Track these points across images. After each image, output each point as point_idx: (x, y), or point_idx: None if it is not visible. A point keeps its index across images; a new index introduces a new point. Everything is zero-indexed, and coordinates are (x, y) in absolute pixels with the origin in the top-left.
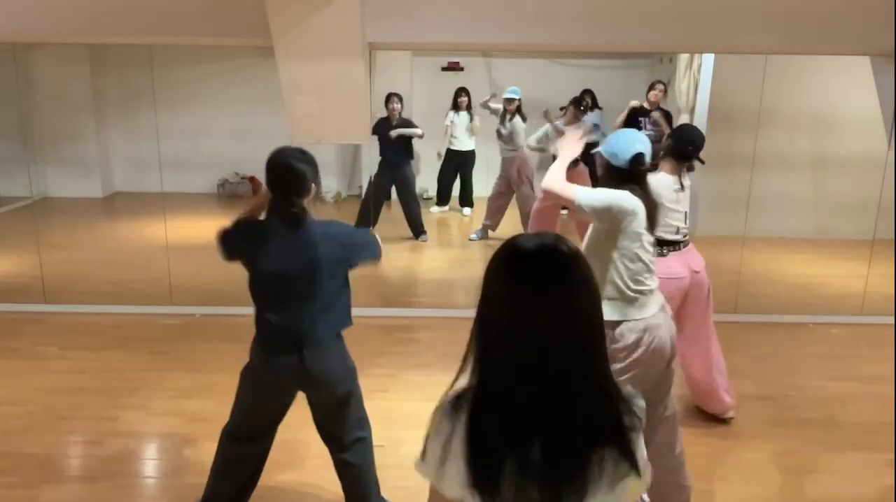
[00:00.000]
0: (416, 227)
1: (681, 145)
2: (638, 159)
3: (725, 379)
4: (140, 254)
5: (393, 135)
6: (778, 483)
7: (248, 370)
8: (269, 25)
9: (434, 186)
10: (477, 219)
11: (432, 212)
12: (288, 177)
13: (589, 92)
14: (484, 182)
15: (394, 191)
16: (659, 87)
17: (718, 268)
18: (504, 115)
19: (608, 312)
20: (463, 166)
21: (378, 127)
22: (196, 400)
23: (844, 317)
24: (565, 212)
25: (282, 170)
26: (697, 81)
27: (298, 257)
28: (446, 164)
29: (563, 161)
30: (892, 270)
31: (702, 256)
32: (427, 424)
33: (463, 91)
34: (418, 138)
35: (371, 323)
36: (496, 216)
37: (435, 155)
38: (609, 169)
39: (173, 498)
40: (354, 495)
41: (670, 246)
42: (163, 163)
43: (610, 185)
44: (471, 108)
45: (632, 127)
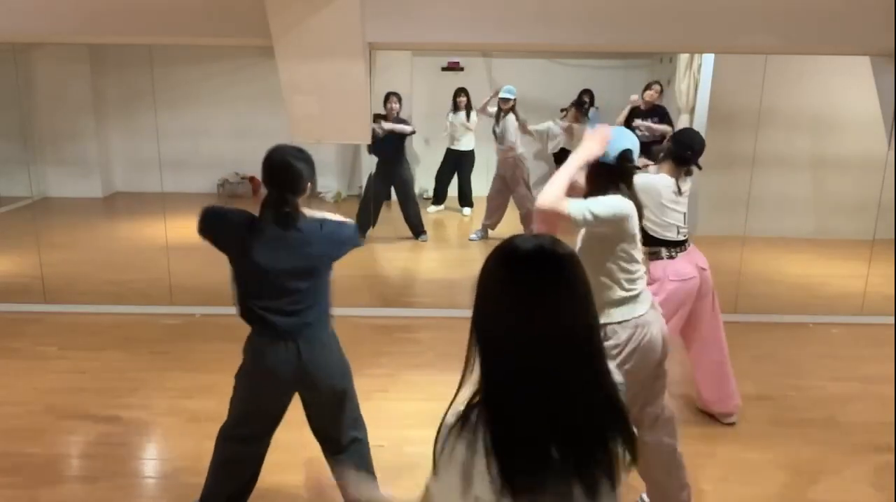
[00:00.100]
0: (416, 228)
1: (680, 150)
2: (625, 155)
3: (734, 380)
4: (140, 254)
5: (384, 128)
6: (778, 483)
7: (243, 371)
8: (269, 25)
9: (433, 186)
10: (477, 220)
11: (429, 212)
12: (285, 174)
13: (588, 92)
14: (484, 182)
15: (394, 191)
16: (655, 87)
17: (718, 268)
18: (499, 115)
19: (604, 315)
20: (462, 166)
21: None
22: (196, 400)
23: (844, 317)
24: None
25: (279, 167)
26: (697, 81)
27: (292, 255)
28: (445, 164)
29: (577, 161)
30: (892, 270)
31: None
32: (436, 443)
33: (462, 91)
34: (409, 135)
35: (371, 323)
36: (495, 215)
37: (435, 156)
38: (596, 165)
39: (173, 498)
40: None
41: (677, 247)
42: (163, 163)
43: (597, 182)
44: (469, 107)
45: (629, 127)
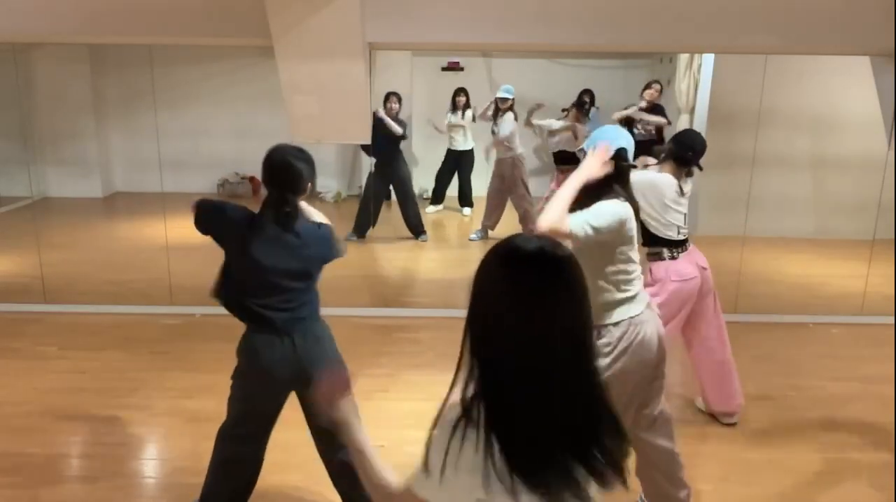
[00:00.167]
0: (416, 228)
1: (681, 150)
2: (619, 154)
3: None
4: (140, 254)
5: (379, 115)
6: (778, 483)
7: (238, 372)
8: (269, 25)
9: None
10: (477, 220)
11: (428, 213)
12: (285, 174)
13: (588, 92)
14: (484, 182)
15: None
16: (655, 86)
17: (718, 268)
18: (496, 114)
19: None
20: (461, 166)
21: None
22: (196, 400)
23: (844, 317)
24: None
25: (279, 167)
26: (697, 81)
27: (291, 257)
28: (445, 164)
29: (577, 182)
30: (892, 270)
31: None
32: (430, 439)
33: (461, 91)
34: (397, 135)
35: (371, 323)
36: (494, 215)
37: (435, 156)
38: None
39: (173, 498)
40: (353, 496)
41: (678, 247)
42: (163, 163)
43: (591, 182)
44: (468, 107)
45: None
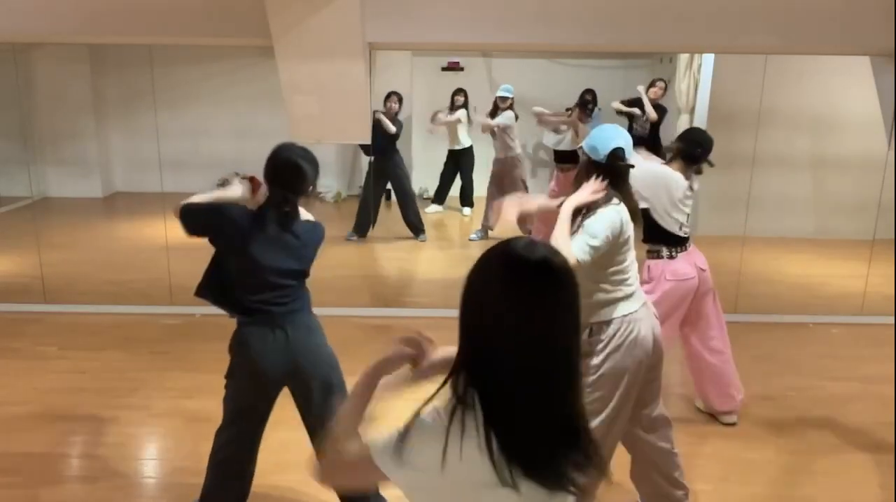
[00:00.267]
0: (415, 227)
1: (690, 148)
2: (616, 153)
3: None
4: (140, 254)
5: (376, 117)
6: (778, 483)
7: (230, 368)
8: (269, 25)
9: (433, 186)
10: (476, 220)
11: (428, 212)
12: (289, 174)
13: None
14: (484, 182)
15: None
16: (659, 84)
17: (718, 268)
18: (495, 113)
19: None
20: (462, 165)
21: None
22: (196, 400)
23: (844, 317)
24: None
25: (284, 165)
26: (697, 81)
27: (290, 257)
28: (447, 165)
29: (571, 208)
30: (892, 270)
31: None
32: (417, 422)
33: (460, 91)
34: (389, 133)
35: (371, 323)
36: (494, 214)
37: (434, 156)
38: (589, 163)
39: (173, 498)
40: (353, 496)
41: (677, 246)
42: (163, 163)
43: (587, 181)
44: (467, 107)
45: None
